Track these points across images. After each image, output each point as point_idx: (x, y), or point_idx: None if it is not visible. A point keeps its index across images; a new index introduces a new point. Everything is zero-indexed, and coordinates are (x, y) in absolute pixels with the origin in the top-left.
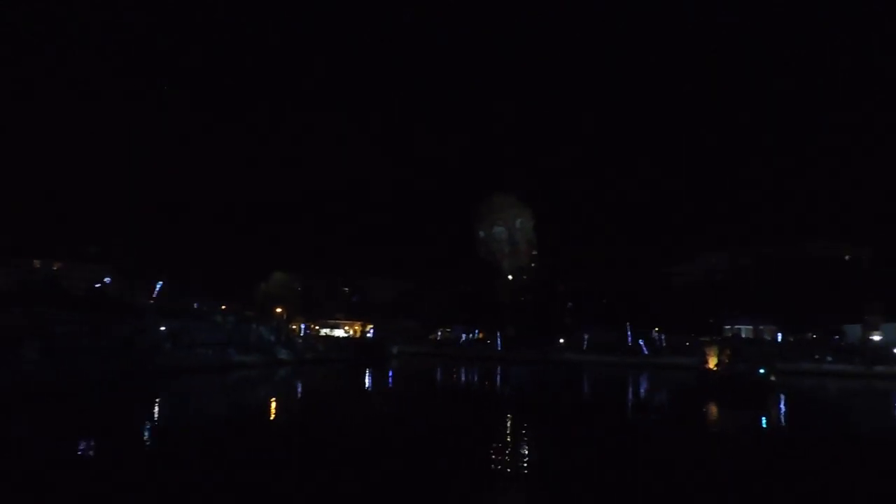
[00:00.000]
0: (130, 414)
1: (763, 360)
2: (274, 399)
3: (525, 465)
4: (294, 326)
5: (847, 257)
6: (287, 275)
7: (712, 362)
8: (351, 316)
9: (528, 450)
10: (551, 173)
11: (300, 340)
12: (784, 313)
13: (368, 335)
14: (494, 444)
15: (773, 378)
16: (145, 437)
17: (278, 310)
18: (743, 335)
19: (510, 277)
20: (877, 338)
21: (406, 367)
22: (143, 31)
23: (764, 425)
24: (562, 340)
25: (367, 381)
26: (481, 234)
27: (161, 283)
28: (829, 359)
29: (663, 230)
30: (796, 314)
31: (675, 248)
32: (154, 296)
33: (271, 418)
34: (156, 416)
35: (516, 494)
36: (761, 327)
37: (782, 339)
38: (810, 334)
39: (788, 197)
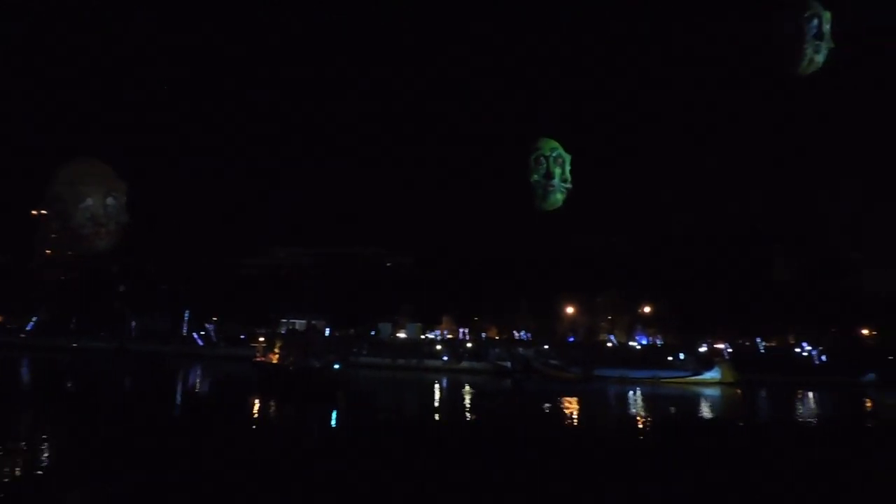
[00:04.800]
0: None
1: (339, 354)
2: None
3: None
4: None
5: (389, 264)
6: None
7: (277, 356)
8: None
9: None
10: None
11: None
12: (333, 310)
13: None
14: None
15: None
16: None
17: None
18: (297, 328)
19: (49, 252)
20: (402, 335)
21: None
22: None
23: (335, 417)
24: (110, 327)
25: None
26: (56, 203)
27: None
28: (364, 352)
29: (235, 223)
30: (343, 311)
31: (246, 242)
32: None
33: None
34: None
35: None
36: (314, 322)
37: (330, 334)
38: (352, 330)
39: (354, 204)
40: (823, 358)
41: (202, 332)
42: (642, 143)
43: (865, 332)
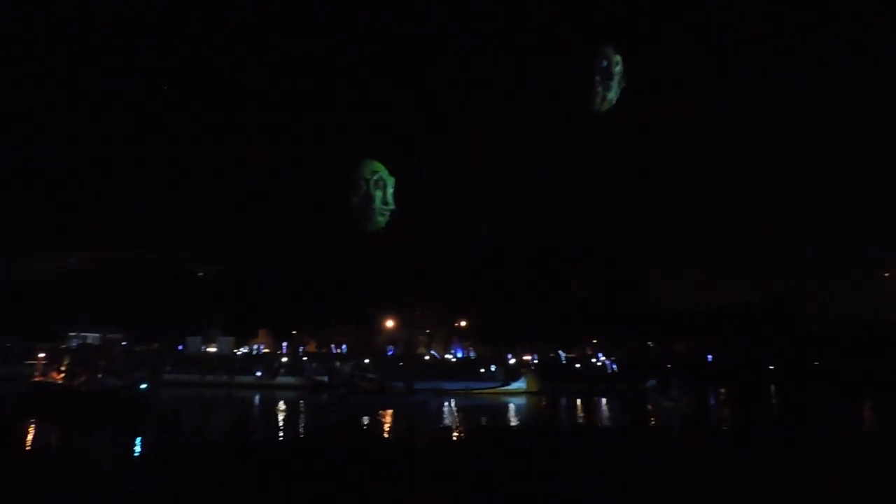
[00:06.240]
0: None
1: (147, 371)
2: None
3: None
4: None
5: (200, 273)
6: None
7: (62, 375)
8: None
9: None
10: None
11: None
12: (132, 322)
13: None
14: None
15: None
16: None
17: None
18: (90, 342)
19: None
20: (213, 349)
21: None
22: None
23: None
24: None
25: None
26: None
27: None
28: (169, 368)
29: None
30: (145, 324)
31: (25, 243)
32: None
33: None
34: None
35: None
36: (108, 336)
37: (128, 348)
38: (155, 344)
39: (160, 205)
40: (615, 367)
41: None
42: (465, 164)
43: (650, 343)
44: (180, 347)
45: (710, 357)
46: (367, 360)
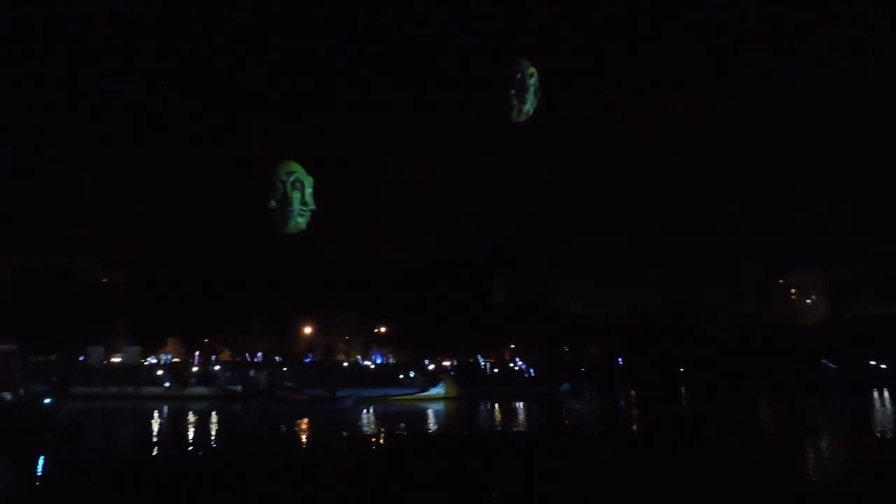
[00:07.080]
0: None
1: (50, 385)
2: None
3: None
4: None
5: (104, 280)
6: None
7: None
8: None
9: None
10: None
11: None
12: (28, 331)
13: None
14: None
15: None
16: None
17: None
18: None
19: None
20: (118, 360)
21: None
22: None
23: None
24: None
25: None
26: None
27: None
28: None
29: None
30: (42, 333)
31: None
32: None
33: None
34: None
35: None
36: (1, 347)
37: (26, 361)
38: (54, 355)
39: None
40: (532, 371)
41: None
42: (383, 173)
43: (566, 348)
44: (82, 358)
45: (620, 361)
46: (284, 369)
